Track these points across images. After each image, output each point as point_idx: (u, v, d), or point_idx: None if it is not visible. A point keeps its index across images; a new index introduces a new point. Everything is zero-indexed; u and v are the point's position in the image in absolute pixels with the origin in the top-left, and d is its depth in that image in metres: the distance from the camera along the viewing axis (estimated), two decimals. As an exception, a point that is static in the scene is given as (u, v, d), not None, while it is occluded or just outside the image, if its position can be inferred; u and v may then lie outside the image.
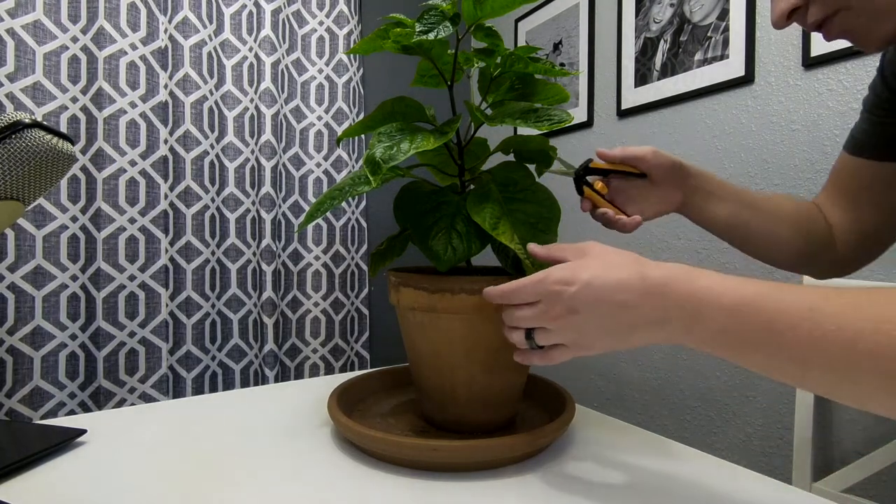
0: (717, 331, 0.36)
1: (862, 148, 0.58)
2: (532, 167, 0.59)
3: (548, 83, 0.56)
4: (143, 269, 1.35)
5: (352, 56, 1.75)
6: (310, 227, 1.68)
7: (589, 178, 0.59)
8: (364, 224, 1.79)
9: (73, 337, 1.27)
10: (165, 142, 1.38)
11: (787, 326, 0.32)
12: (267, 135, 1.56)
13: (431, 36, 0.48)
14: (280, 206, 1.63)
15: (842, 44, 0.99)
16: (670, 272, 0.38)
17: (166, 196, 1.38)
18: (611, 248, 0.43)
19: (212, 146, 1.47)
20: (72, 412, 1.26)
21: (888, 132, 0.56)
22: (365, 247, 1.80)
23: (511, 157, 0.60)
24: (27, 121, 0.42)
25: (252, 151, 1.55)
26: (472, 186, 0.57)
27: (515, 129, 1.79)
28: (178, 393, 1.42)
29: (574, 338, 0.42)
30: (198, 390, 1.45)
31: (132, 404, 1.32)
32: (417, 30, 0.48)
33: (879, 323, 0.29)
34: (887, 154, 0.56)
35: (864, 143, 0.58)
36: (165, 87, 1.38)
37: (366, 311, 1.79)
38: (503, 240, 0.47)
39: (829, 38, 0.46)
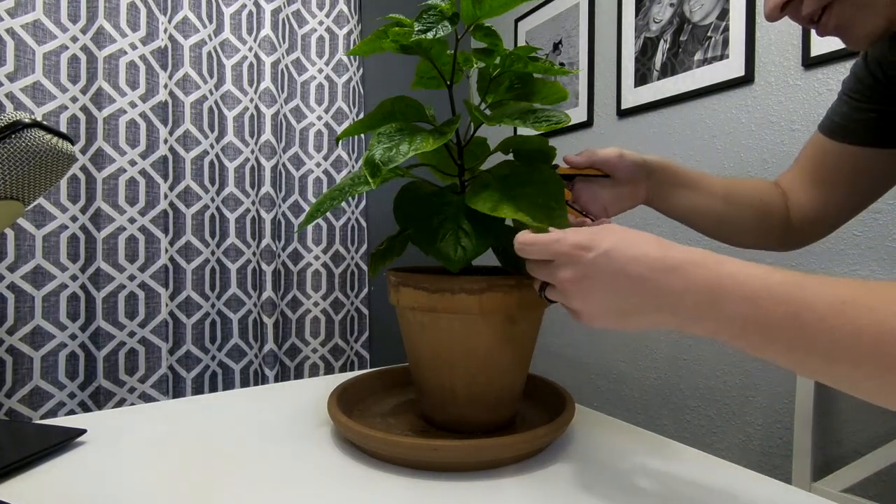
0: (735, 318, 0.34)
1: (837, 131, 0.59)
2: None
3: (547, 82, 0.56)
4: (142, 269, 1.35)
5: (351, 56, 1.75)
6: (309, 227, 1.68)
7: None
8: (364, 224, 1.79)
9: (73, 337, 1.27)
10: (165, 141, 1.38)
11: (816, 318, 0.31)
12: (267, 134, 1.56)
13: (430, 35, 0.48)
14: (280, 206, 1.63)
15: (841, 43, 0.99)
16: (691, 254, 0.37)
17: (166, 196, 1.38)
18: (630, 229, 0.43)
19: (212, 146, 1.47)
20: (71, 412, 1.26)
21: (864, 117, 0.56)
22: (365, 246, 1.80)
23: (511, 157, 0.60)
24: (27, 120, 0.42)
25: (252, 151, 1.55)
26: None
27: (515, 130, 1.79)
28: (178, 393, 1.42)
29: (578, 306, 0.40)
30: (197, 390, 1.45)
31: (132, 404, 1.32)
32: (416, 29, 0.48)
33: None
34: (862, 138, 0.57)
35: (841, 126, 0.58)
36: (165, 86, 1.38)
37: (365, 311, 1.79)
38: (506, 214, 0.46)
39: (822, 33, 0.46)
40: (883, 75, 0.54)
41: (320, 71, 1.70)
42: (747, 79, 1.15)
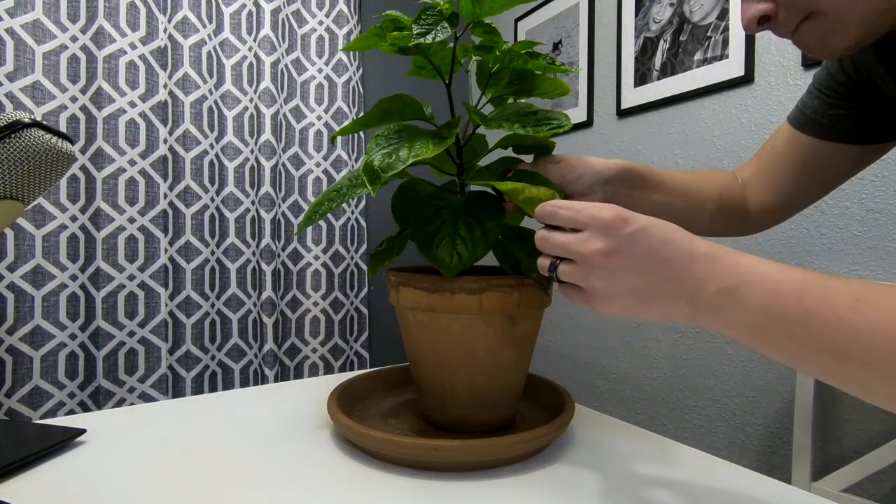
0: (753, 312, 0.34)
1: (808, 124, 0.59)
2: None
3: (547, 77, 0.56)
4: (142, 269, 1.34)
5: (351, 56, 1.75)
6: (309, 227, 1.68)
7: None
8: (363, 224, 1.79)
9: (73, 336, 1.27)
10: (165, 141, 1.38)
11: (832, 315, 0.31)
12: (266, 134, 1.56)
13: (430, 38, 0.47)
14: (280, 206, 1.63)
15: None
16: (716, 246, 0.37)
17: (166, 196, 1.38)
18: None
19: (211, 146, 1.47)
20: (71, 412, 1.26)
21: (834, 113, 0.57)
22: (364, 246, 1.80)
23: (510, 152, 0.60)
24: (27, 120, 0.42)
25: (251, 151, 1.55)
26: (470, 186, 0.57)
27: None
28: (178, 392, 1.42)
29: (599, 284, 0.38)
30: (197, 390, 1.45)
31: (132, 404, 1.32)
32: (415, 31, 0.47)
33: None
34: (830, 134, 0.58)
35: (811, 119, 0.59)
36: (165, 86, 1.38)
37: (365, 311, 1.79)
38: (528, 193, 0.45)
39: (799, 47, 0.46)
40: (856, 74, 0.55)
41: (320, 71, 1.70)
42: (747, 79, 1.15)
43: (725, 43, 1.18)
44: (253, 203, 1.55)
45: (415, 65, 0.57)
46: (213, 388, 1.50)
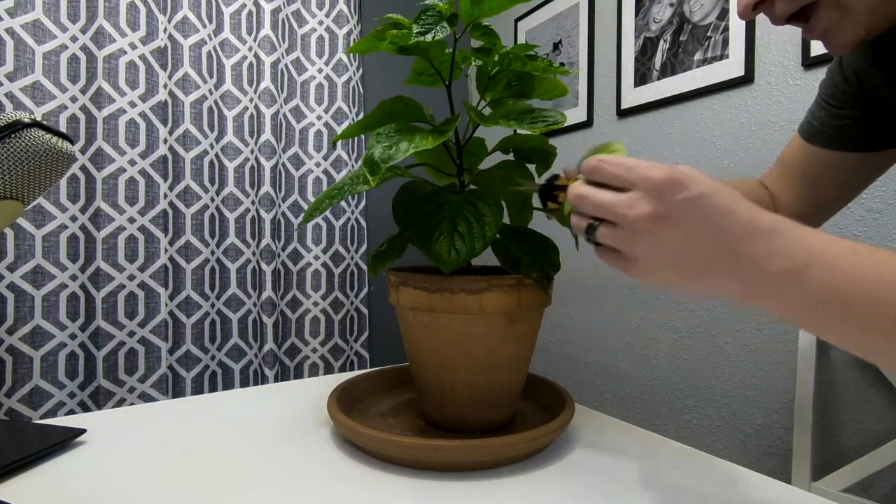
0: (821, 295, 0.32)
1: (815, 136, 0.60)
2: (532, 167, 0.59)
3: (545, 78, 0.56)
4: (142, 269, 1.34)
5: (351, 55, 1.75)
6: (309, 227, 1.68)
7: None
8: (364, 224, 1.79)
9: (73, 336, 1.27)
10: (165, 141, 1.38)
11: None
12: (266, 134, 1.56)
13: (429, 37, 0.47)
14: (280, 206, 1.63)
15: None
16: (781, 219, 0.34)
17: (166, 195, 1.38)
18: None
19: (211, 146, 1.47)
20: (71, 412, 1.26)
21: (840, 123, 0.57)
22: (364, 246, 1.80)
23: (510, 157, 0.60)
24: (27, 120, 0.42)
25: (251, 151, 1.55)
26: (470, 186, 0.57)
27: (515, 129, 1.79)
28: (178, 392, 1.42)
29: (643, 249, 0.35)
30: (197, 390, 1.45)
31: (132, 404, 1.32)
32: (415, 31, 0.48)
33: None
34: (838, 144, 0.58)
35: (819, 131, 0.59)
36: (165, 86, 1.38)
37: (365, 311, 1.79)
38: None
39: (809, 36, 0.46)
40: (856, 79, 0.55)
41: (320, 71, 1.70)
42: (747, 79, 1.15)
43: (725, 43, 1.18)
44: (253, 203, 1.55)
45: (414, 71, 0.57)
46: (213, 388, 1.50)
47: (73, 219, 1.27)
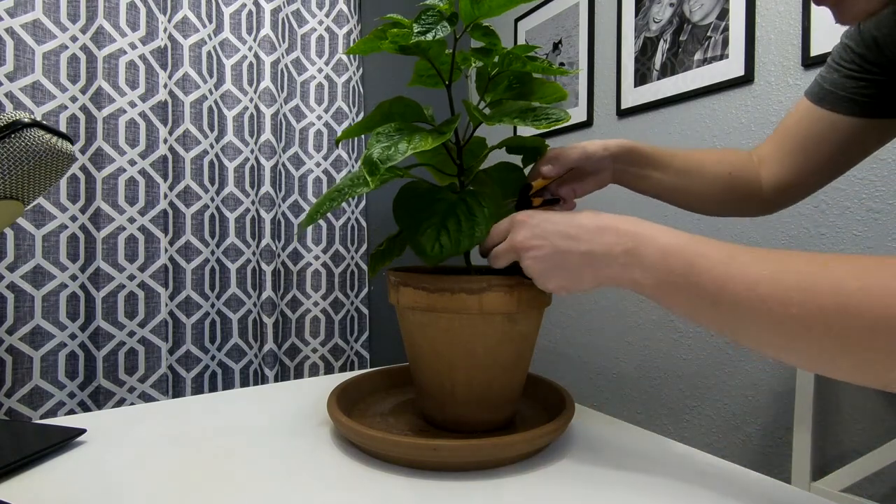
0: (651, 269, 0.40)
1: (826, 98, 0.59)
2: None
3: (546, 82, 0.56)
4: (142, 269, 1.35)
5: (351, 55, 1.75)
6: (309, 227, 1.68)
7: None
8: (364, 224, 1.79)
9: (73, 336, 1.27)
10: (165, 141, 1.38)
11: (704, 269, 0.37)
12: (266, 134, 1.56)
13: (429, 37, 0.47)
14: (280, 206, 1.63)
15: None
16: (619, 216, 0.43)
17: (166, 195, 1.38)
18: None
19: (211, 146, 1.47)
20: (71, 412, 1.26)
21: (853, 85, 0.57)
22: (365, 246, 1.80)
23: (510, 157, 0.61)
24: (26, 120, 0.42)
25: (252, 151, 1.55)
26: (470, 187, 0.57)
27: (515, 129, 1.79)
28: (178, 392, 1.42)
29: (537, 269, 0.46)
30: (197, 390, 1.45)
31: (132, 404, 1.32)
32: (415, 30, 0.48)
33: (777, 272, 0.34)
34: (849, 108, 0.57)
35: (830, 93, 0.59)
36: (165, 86, 1.38)
37: (365, 311, 1.79)
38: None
39: (818, 2, 0.45)
40: (874, 43, 0.54)
41: (320, 70, 1.70)
42: (747, 78, 1.15)
43: (725, 43, 1.18)
44: (253, 203, 1.55)
45: (416, 73, 0.57)
46: (213, 388, 1.50)
47: (73, 219, 1.27)
